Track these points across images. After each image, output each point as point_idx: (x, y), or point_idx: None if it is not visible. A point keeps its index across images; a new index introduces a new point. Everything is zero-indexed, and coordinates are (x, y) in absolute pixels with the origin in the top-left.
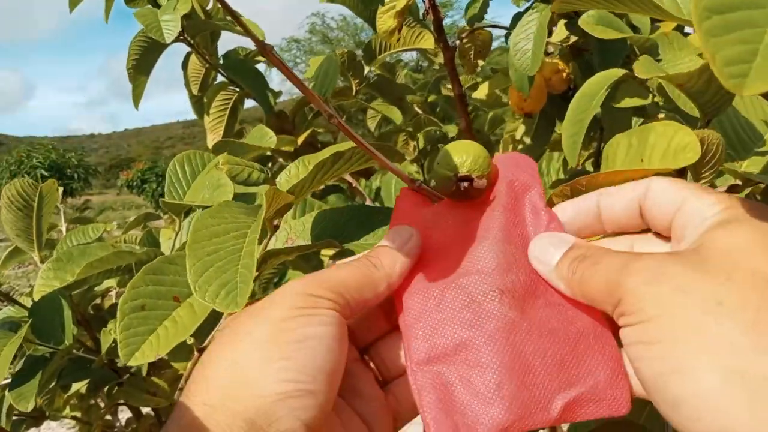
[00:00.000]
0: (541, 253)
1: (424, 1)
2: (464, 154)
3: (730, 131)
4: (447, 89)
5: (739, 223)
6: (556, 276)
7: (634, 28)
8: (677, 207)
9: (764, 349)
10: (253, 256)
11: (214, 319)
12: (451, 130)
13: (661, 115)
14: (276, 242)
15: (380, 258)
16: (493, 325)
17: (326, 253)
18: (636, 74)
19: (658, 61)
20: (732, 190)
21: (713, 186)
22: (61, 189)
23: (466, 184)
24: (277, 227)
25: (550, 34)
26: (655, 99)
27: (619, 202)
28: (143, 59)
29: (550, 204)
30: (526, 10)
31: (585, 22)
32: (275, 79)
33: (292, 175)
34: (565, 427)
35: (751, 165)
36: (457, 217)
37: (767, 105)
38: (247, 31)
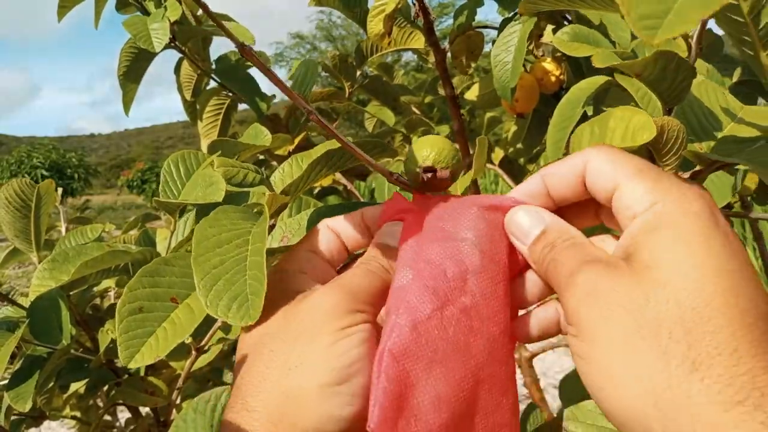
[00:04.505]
0: (517, 230)
1: (414, 3)
2: (429, 148)
3: (693, 119)
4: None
5: (667, 233)
6: (528, 256)
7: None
8: (613, 189)
9: (671, 377)
10: (262, 268)
11: (210, 316)
12: (443, 130)
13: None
14: (271, 241)
15: (388, 260)
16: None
17: None
18: (593, 64)
19: None
20: (696, 175)
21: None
22: (61, 189)
23: (429, 175)
24: (272, 227)
25: (539, 38)
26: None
27: (561, 181)
28: (133, 67)
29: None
30: (511, 18)
31: (559, 40)
32: (279, 77)
33: (285, 173)
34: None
35: (711, 148)
36: (435, 216)
37: (729, 95)
38: (226, 33)
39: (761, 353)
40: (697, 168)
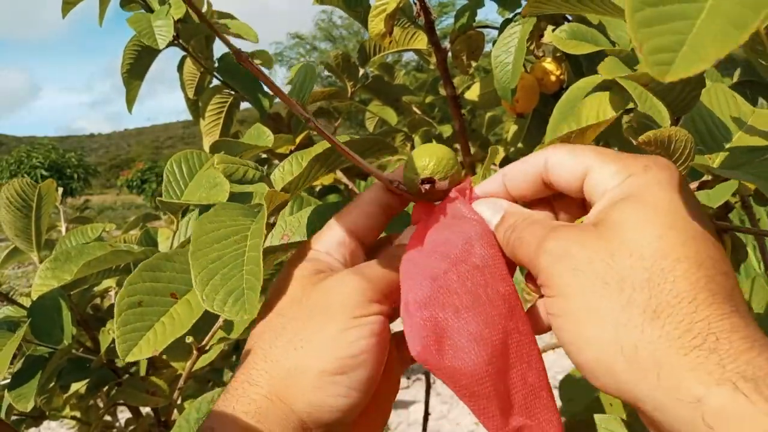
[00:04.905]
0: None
1: (415, 3)
2: (428, 158)
3: (702, 128)
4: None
5: (633, 199)
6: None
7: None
8: (581, 176)
9: (635, 325)
10: (258, 263)
11: (211, 315)
12: (446, 130)
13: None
14: (272, 239)
15: None
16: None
17: None
18: (600, 74)
19: (635, 71)
20: (703, 185)
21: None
22: (61, 189)
23: (427, 186)
24: (273, 224)
25: (540, 38)
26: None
27: (520, 179)
28: (137, 64)
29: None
30: (511, 18)
31: (557, 38)
32: (280, 76)
33: (286, 171)
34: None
35: (721, 160)
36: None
37: (740, 99)
38: (223, 40)
39: (718, 302)
40: (705, 178)
